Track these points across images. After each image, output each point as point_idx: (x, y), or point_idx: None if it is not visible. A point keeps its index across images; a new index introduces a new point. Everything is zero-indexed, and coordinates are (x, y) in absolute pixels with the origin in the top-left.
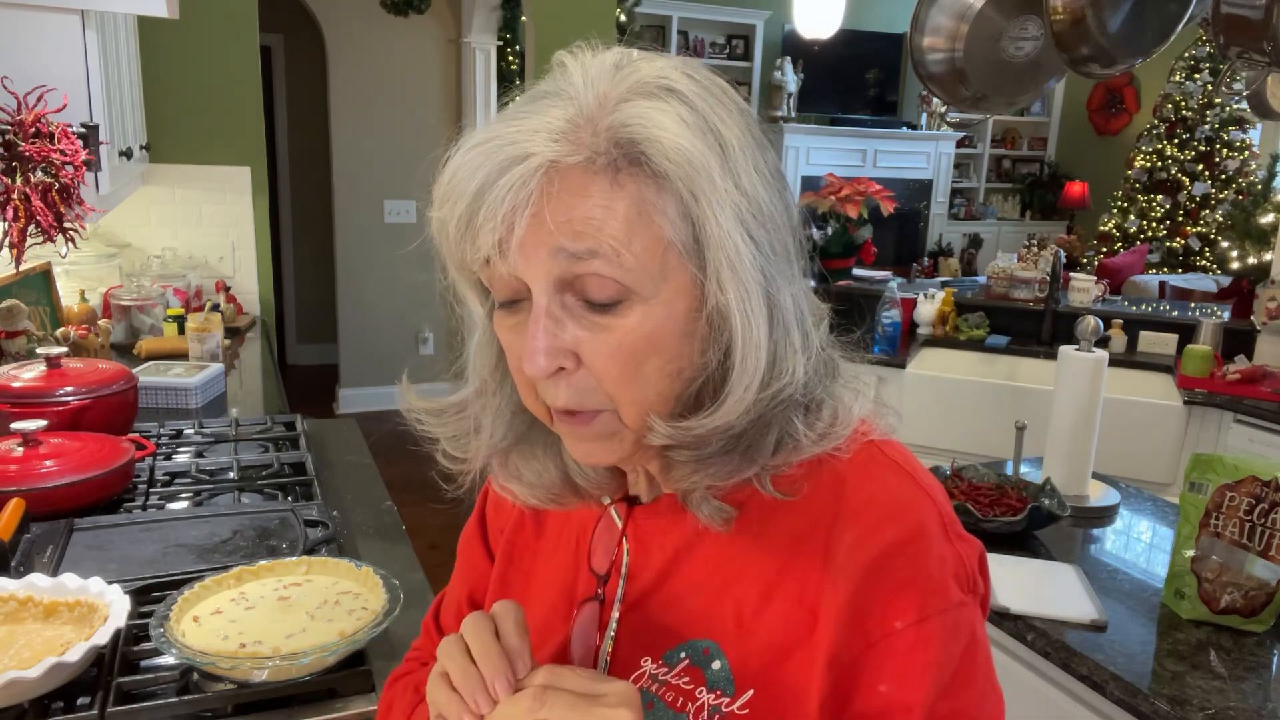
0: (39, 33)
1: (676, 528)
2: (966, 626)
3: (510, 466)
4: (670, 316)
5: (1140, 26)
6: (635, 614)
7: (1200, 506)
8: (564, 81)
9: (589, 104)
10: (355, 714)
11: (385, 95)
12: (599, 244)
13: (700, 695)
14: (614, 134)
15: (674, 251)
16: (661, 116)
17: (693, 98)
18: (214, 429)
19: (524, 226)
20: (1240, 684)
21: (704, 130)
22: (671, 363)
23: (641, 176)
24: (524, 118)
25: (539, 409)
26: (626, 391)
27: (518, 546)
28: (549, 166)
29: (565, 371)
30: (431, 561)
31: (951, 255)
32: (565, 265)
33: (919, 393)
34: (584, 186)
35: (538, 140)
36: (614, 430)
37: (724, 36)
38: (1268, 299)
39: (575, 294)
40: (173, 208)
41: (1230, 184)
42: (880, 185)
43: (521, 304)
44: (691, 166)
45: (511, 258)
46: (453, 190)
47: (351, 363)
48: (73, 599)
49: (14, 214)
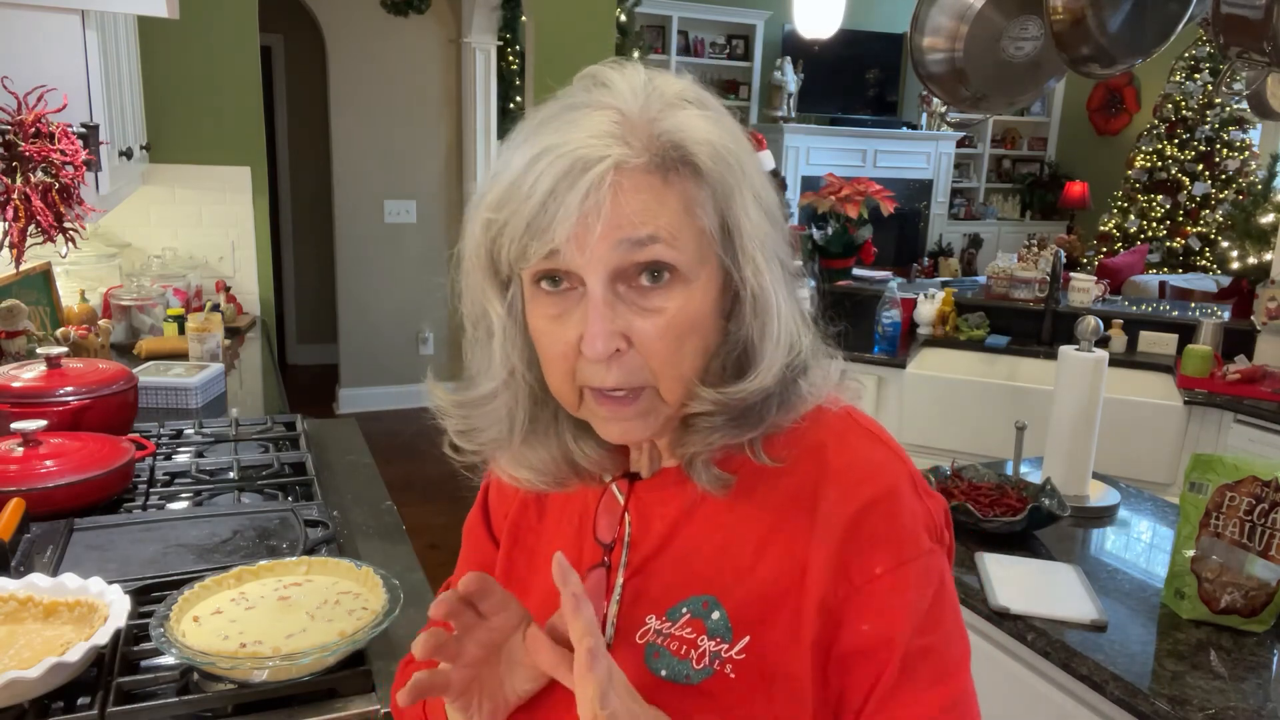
0: (39, 33)
1: (676, 498)
2: (936, 572)
3: (517, 455)
4: (705, 299)
5: (1140, 26)
6: (639, 578)
7: (1200, 506)
8: (603, 94)
9: (634, 113)
10: (355, 714)
11: (385, 95)
12: (658, 230)
13: (702, 643)
14: (662, 139)
15: (708, 240)
16: (700, 123)
17: (712, 109)
18: (214, 429)
19: (595, 221)
20: (1240, 684)
21: (729, 134)
22: (704, 340)
23: (687, 175)
24: (576, 126)
25: (570, 394)
26: (670, 368)
27: (522, 529)
28: (615, 168)
29: (619, 353)
30: (431, 561)
31: (951, 255)
32: (625, 254)
33: (919, 393)
34: (644, 184)
35: (604, 145)
36: (653, 407)
37: (724, 36)
38: (1268, 299)
39: (625, 282)
40: (173, 208)
41: (1230, 184)
42: (880, 185)
43: (566, 295)
44: (726, 165)
45: (579, 250)
46: (515, 195)
47: (351, 363)
48: (73, 599)
49: (14, 214)
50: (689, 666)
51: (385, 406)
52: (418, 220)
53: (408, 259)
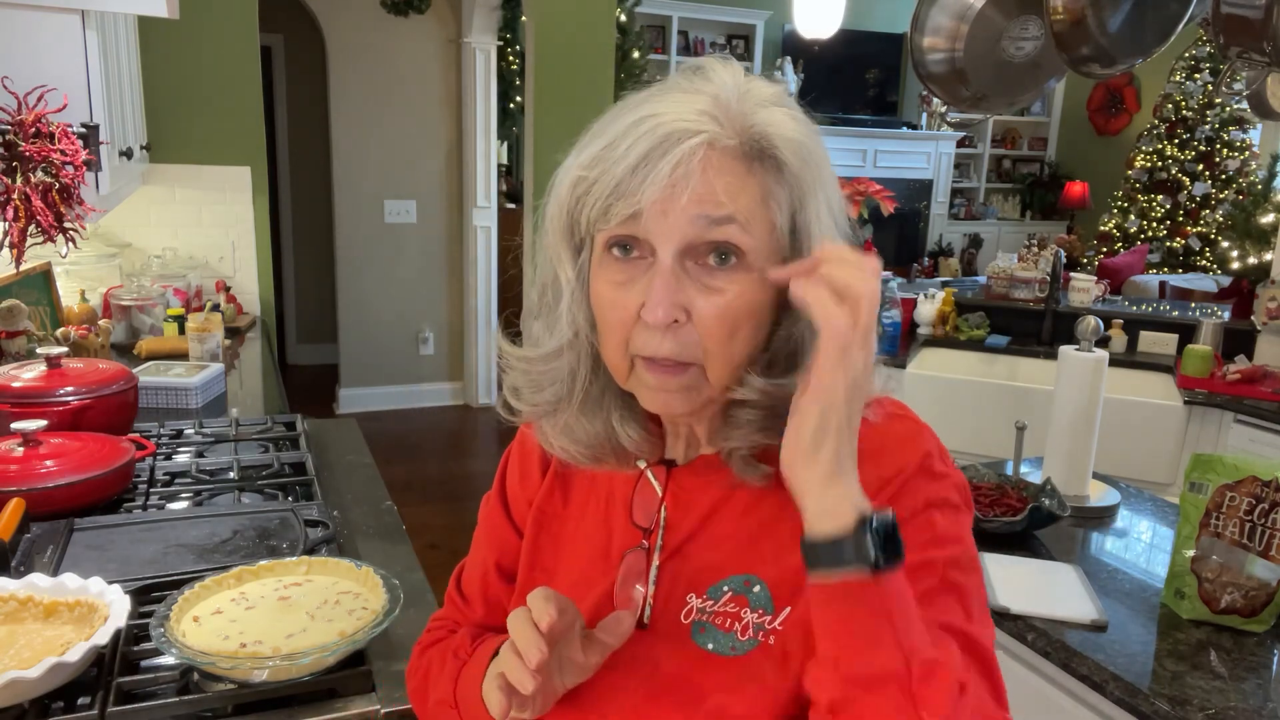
0: (39, 33)
1: (713, 485)
2: (965, 531)
3: (564, 425)
4: (765, 290)
5: (1140, 26)
6: (675, 560)
7: (1200, 506)
8: (702, 81)
9: (731, 101)
10: (355, 714)
11: (385, 95)
12: (736, 212)
13: (745, 615)
14: (753, 130)
15: (778, 235)
16: (789, 123)
17: (800, 116)
18: (214, 429)
19: (683, 190)
20: (1240, 684)
21: (814, 139)
22: (757, 330)
23: (770, 168)
24: (674, 103)
25: (621, 362)
26: (721, 348)
27: (547, 515)
28: (708, 144)
29: (677, 324)
30: (431, 561)
31: (951, 255)
32: (701, 229)
33: (919, 393)
34: (730, 166)
35: (701, 120)
36: (697, 384)
37: (724, 36)
38: (1268, 299)
39: (694, 259)
40: (173, 208)
41: (1230, 184)
42: (880, 185)
43: (635, 263)
44: (806, 166)
45: (661, 217)
46: (610, 155)
47: (351, 363)
48: (73, 599)
49: (14, 214)
50: (734, 639)
51: (385, 406)
52: (418, 220)
53: (408, 259)
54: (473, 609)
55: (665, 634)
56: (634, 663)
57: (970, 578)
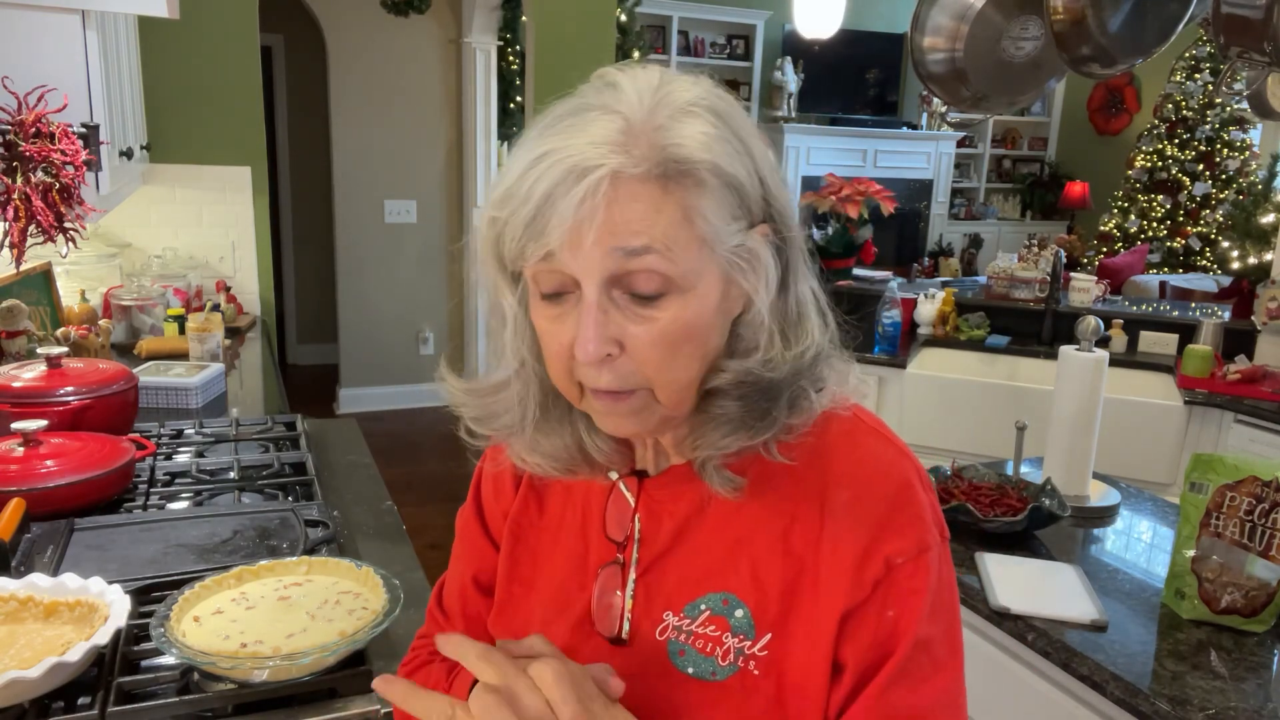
0: (39, 33)
1: (685, 496)
2: (942, 564)
3: (530, 440)
4: (703, 307)
5: (1141, 26)
6: (651, 574)
7: (1201, 506)
8: (611, 97)
9: (640, 120)
10: (355, 714)
11: (385, 95)
12: (652, 241)
13: (726, 640)
14: (664, 150)
15: (708, 248)
16: (703, 136)
17: (725, 114)
18: (214, 429)
19: (589, 228)
20: (1241, 684)
21: (736, 143)
22: (701, 347)
23: (687, 185)
24: (581, 130)
25: (571, 389)
26: (663, 374)
27: (523, 527)
28: (613, 176)
29: (611, 358)
30: (431, 561)
31: (952, 255)
32: (619, 262)
33: (919, 393)
34: (640, 193)
35: (602, 153)
36: (647, 406)
37: (724, 36)
38: (1268, 299)
39: (622, 288)
40: (173, 208)
41: (1231, 184)
42: (880, 185)
43: (564, 297)
44: (728, 178)
45: (573, 256)
46: (516, 195)
47: (351, 363)
48: (73, 599)
49: (14, 214)
50: (714, 663)
51: (385, 406)
52: (418, 220)
53: (408, 259)
54: (453, 625)
55: (643, 653)
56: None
57: (938, 675)
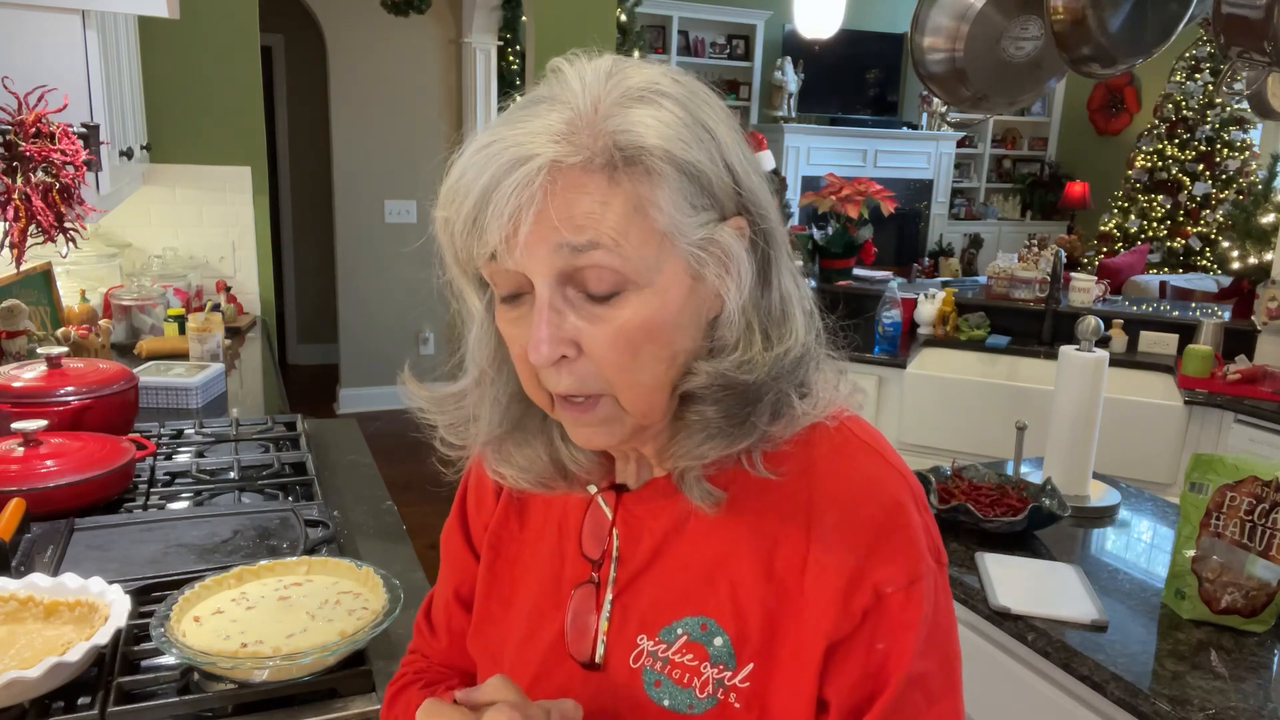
0: (39, 33)
1: (665, 511)
2: (937, 593)
3: (503, 452)
4: (665, 304)
5: (1141, 26)
6: (628, 595)
7: (1201, 506)
8: (560, 87)
9: (586, 109)
10: (355, 714)
11: (385, 95)
12: (599, 236)
13: (705, 670)
14: (611, 137)
15: (668, 241)
16: (653, 121)
17: (683, 99)
18: (214, 429)
19: (529, 223)
20: (1241, 684)
21: (695, 129)
22: (666, 348)
23: (637, 174)
24: (525, 121)
25: (540, 396)
26: (624, 377)
27: (503, 539)
28: (550, 166)
29: (567, 360)
30: (431, 561)
31: (952, 255)
32: (567, 258)
33: (919, 393)
34: (583, 184)
35: (539, 142)
36: (614, 415)
37: (724, 36)
38: (1268, 299)
39: (576, 286)
40: (173, 208)
41: (1231, 184)
42: (881, 185)
43: (523, 298)
44: (682, 164)
45: (516, 253)
46: (459, 190)
47: (351, 363)
48: (73, 599)
49: (15, 214)
50: (692, 696)
51: (385, 406)
52: (418, 220)
53: (408, 259)
54: (438, 640)
55: (616, 682)
56: (586, 713)
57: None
